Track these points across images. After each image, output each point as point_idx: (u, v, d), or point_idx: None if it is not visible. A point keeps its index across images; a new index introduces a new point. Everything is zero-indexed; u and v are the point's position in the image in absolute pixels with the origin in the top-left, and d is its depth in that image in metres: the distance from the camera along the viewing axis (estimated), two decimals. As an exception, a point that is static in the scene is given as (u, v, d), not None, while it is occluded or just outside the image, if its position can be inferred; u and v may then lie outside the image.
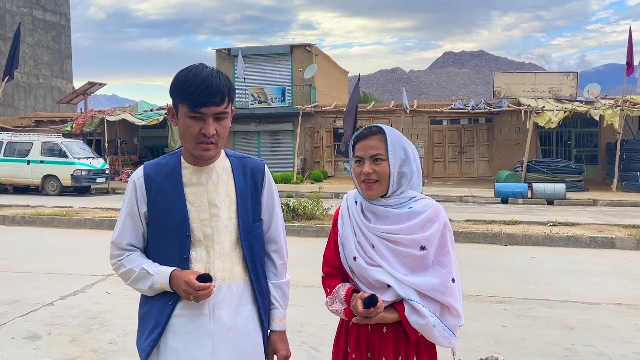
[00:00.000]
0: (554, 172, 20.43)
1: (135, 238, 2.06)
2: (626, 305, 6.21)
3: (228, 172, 2.07)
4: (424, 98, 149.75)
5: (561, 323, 5.57)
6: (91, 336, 5.08)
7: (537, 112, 21.31)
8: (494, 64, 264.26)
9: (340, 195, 18.67)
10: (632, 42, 19.39)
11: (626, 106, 20.56)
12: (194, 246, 1.99)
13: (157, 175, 2.03)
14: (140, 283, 1.99)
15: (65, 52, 43.84)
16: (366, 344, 2.14)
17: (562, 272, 7.82)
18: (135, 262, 2.02)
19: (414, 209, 2.11)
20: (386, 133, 2.14)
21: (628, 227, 10.95)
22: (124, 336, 5.07)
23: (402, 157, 2.13)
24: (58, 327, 5.30)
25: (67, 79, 43.75)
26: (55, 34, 42.61)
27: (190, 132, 1.91)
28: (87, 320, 5.52)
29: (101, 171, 20.52)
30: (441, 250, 2.09)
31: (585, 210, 15.42)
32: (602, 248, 9.66)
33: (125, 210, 2.05)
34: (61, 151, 19.82)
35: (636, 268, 8.16)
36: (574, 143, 24.84)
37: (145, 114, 25.22)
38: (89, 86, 28.60)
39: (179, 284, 1.90)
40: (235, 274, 2.03)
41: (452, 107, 23.84)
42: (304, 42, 28.54)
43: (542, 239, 9.93)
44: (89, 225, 11.77)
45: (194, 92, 1.86)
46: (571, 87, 24.54)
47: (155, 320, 1.96)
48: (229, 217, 2.03)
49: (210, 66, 1.95)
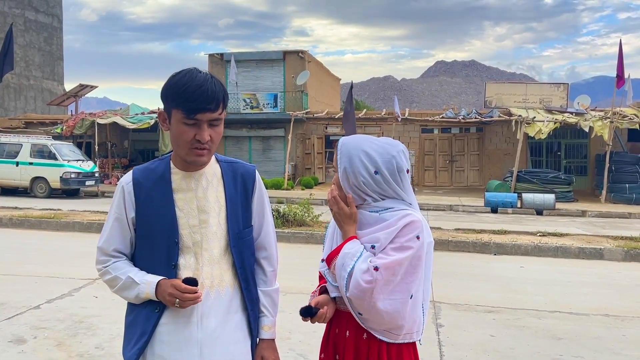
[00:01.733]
0: (543, 182, 20.52)
1: (123, 244, 2.02)
2: (614, 317, 6.23)
3: (218, 177, 2.05)
4: (416, 106, 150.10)
5: (549, 333, 5.57)
6: (77, 340, 5.03)
7: (527, 122, 21.43)
8: (485, 74, 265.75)
9: (330, 202, 18.65)
10: (623, 55, 19.56)
11: (616, 118, 20.71)
12: (183, 253, 1.97)
13: (146, 180, 2.00)
14: (127, 291, 1.96)
15: (56, 53, 43.66)
16: (333, 345, 2.17)
17: (550, 283, 7.83)
18: (122, 269, 1.98)
19: (382, 216, 2.09)
20: (338, 144, 2.16)
21: (616, 239, 11.00)
22: (111, 341, 5.02)
23: (345, 167, 2.10)
24: (44, 331, 5.24)
25: (58, 81, 43.54)
26: (47, 35, 42.43)
27: (185, 138, 1.88)
28: (73, 324, 5.46)
29: (91, 174, 20.39)
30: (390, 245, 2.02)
31: (574, 221, 15.49)
32: (591, 259, 9.69)
33: (113, 216, 2.01)
34: (51, 153, 19.70)
35: (624, 279, 8.20)
36: (564, 154, 24.99)
37: (136, 118, 25.12)
38: (80, 88, 28.48)
39: (164, 290, 1.88)
40: (225, 281, 2.01)
41: (444, 116, 23.93)
42: (297, 49, 28.60)
43: (531, 249, 9.96)
44: (77, 228, 11.68)
45: (190, 98, 1.84)
46: (562, 99, 24.71)
47: (142, 328, 1.93)
48: (219, 223, 2.01)
49: (204, 71, 1.92)
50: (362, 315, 2.04)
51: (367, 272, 1.97)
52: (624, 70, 19.64)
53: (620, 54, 19.73)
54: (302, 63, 27.84)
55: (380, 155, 2.09)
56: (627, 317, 6.24)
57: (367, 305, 1.99)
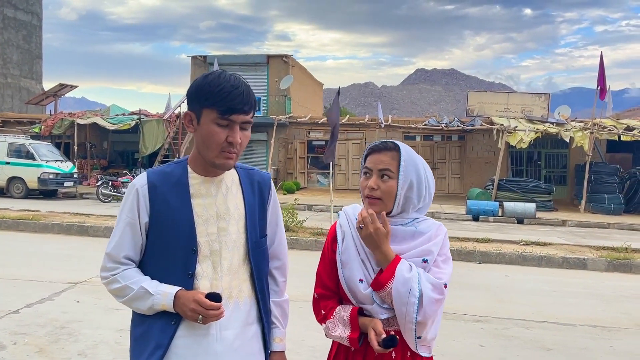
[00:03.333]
0: (524, 191, 20.66)
1: (133, 251, 1.90)
2: (601, 327, 6.24)
3: (236, 184, 1.96)
4: (396, 113, 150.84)
5: (538, 344, 5.56)
6: (59, 347, 4.89)
7: (509, 131, 21.58)
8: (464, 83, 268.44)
9: (312, 207, 18.59)
10: (604, 68, 19.81)
11: (596, 129, 20.96)
12: (200, 262, 1.86)
13: (162, 184, 1.89)
14: (138, 302, 1.84)
15: (35, 52, 43.00)
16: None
17: (536, 292, 7.85)
18: (132, 278, 1.86)
19: (419, 228, 2.03)
20: (401, 150, 2.04)
21: (598, 249, 11.09)
22: (94, 347, 4.89)
23: (412, 180, 2.02)
24: (24, 337, 5.09)
25: (36, 80, 42.87)
26: (26, 33, 41.78)
27: (216, 139, 1.79)
28: (54, 330, 5.31)
29: (69, 175, 20.05)
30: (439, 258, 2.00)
31: (555, 230, 15.60)
32: (574, 269, 9.75)
33: (125, 220, 1.88)
34: (28, 153, 19.35)
35: (608, 290, 8.24)
36: (544, 163, 25.22)
37: (117, 119, 24.80)
38: (59, 88, 28.07)
39: (185, 303, 1.77)
40: (243, 292, 1.93)
41: (426, 124, 24.01)
42: (281, 53, 28.54)
43: (515, 258, 9.98)
44: (56, 230, 11.45)
45: (227, 97, 1.75)
46: (542, 109, 24.94)
47: (157, 341, 1.81)
48: (238, 231, 1.92)
49: (236, 74, 1.85)
50: (420, 339, 1.94)
51: (436, 291, 1.90)
52: (605, 82, 19.88)
53: (601, 66, 19.96)
54: (285, 67, 27.77)
55: (431, 173, 2.11)
56: (614, 328, 6.26)
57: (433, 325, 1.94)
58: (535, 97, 25.47)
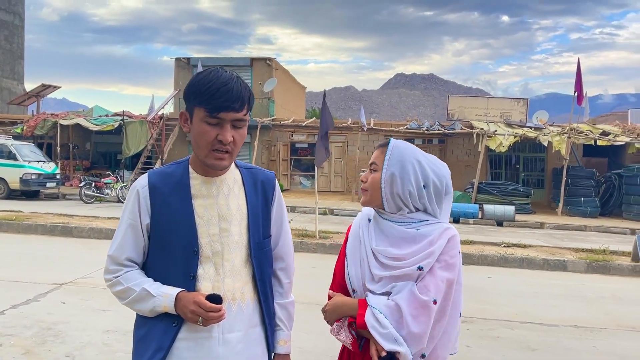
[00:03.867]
0: (503, 194, 20.81)
1: (135, 252, 1.85)
2: (583, 328, 6.28)
3: (239, 184, 1.91)
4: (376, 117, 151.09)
5: (523, 344, 5.58)
6: (46, 348, 4.78)
7: (489, 135, 21.74)
8: (443, 88, 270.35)
9: (296, 209, 18.54)
10: (581, 74, 20.04)
11: (573, 134, 21.21)
12: (202, 263, 1.82)
13: (162, 185, 1.84)
14: (140, 304, 1.80)
15: (17, 52, 42.38)
16: None
17: (518, 294, 7.88)
18: (134, 280, 1.82)
19: (421, 231, 1.98)
20: (389, 145, 2.05)
21: (577, 251, 11.19)
22: (81, 349, 4.80)
23: (394, 173, 1.99)
24: (10, 338, 4.97)
25: (18, 80, 42.25)
26: (7, 33, 41.17)
27: (206, 138, 1.75)
28: (41, 331, 5.20)
29: (52, 175, 19.76)
30: (437, 265, 1.93)
31: (533, 233, 15.73)
32: (555, 270, 9.82)
33: (127, 222, 1.84)
34: (10, 153, 19.03)
35: (589, 291, 8.31)
36: (522, 167, 25.43)
37: (100, 120, 24.51)
38: (42, 88, 27.69)
39: (185, 305, 1.73)
40: (246, 294, 1.87)
41: (408, 127, 24.12)
42: (265, 56, 28.42)
43: (497, 260, 10.03)
44: (40, 231, 11.25)
45: (214, 95, 1.71)
46: (521, 113, 25.16)
47: (158, 343, 1.77)
48: (240, 232, 1.87)
49: (229, 70, 1.79)
50: (424, 357, 1.92)
51: (415, 308, 1.87)
52: (582, 88, 20.12)
53: (578, 72, 20.20)
54: (269, 70, 27.71)
55: (432, 170, 2.02)
56: (596, 328, 6.30)
57: (435, 340, 1.91)
58: (514, 102, 25.70)
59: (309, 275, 8.19)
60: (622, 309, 7.32)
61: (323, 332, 5.77)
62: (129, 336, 5.16)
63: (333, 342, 2.08)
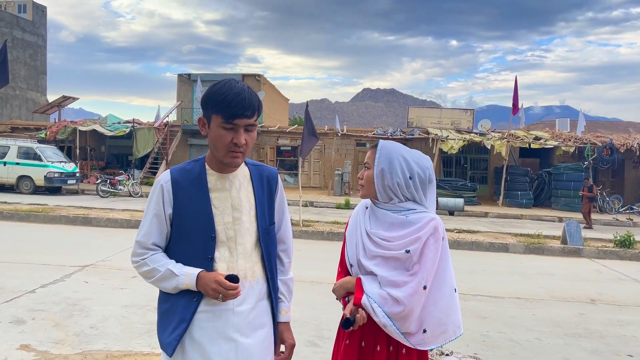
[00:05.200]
0: (454, 188, 20.98)
1: (160, 238, 1.82)
2: (524, 299, 6.35)
3: (247, 179, 1.89)
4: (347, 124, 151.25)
5: (476, 313, 5.62)
6: (73, 321, 4.68)
7: (442, 140, 21.89)
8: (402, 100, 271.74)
9: (281, 202, 18.45)
10: (517, 89, 20.27)
11: (511, 139, 21.45)
12: (218, 247, 1.80)
13: (183, 180, 1.82)
14: (165, 282, 1.77)
15: (40, 68, 41.52)
16: (361, 334, 2.01)
17: (470, 272, 7.93)
18: (160, 262, 1.78)
19: (409, 218, 1.98)
20: (377, 146, 2.07)
21: (517, 236, 11.33)
22: (104, 321, 4.71)
23: (384, 168, 2.01)
24: (41, 313, 4.86)
25: (41, 92, 41.40)
26: (32, 52, 40.32)
27: (223, 141, 1.72)
28: (68, 307, 5.09)
29: (72, 174, 19.35)
30: (421, 256, 1.91)
31: (479, 221, 15.88)
32: (499, 252, 9.93)
33: (152, 212, 1.81)
34: (36, 155, 18.60)
35: (527, 269, 8.41)
36: (469, 166, 25.66)
37: (113, 126, 24.12)
38: (63, 99, 27.10)
39: (207, 283, 1.71)
40: (256, 272, 1.85)
41: (375, 133, 24.19)
42: (254, 72, 28.22)
43: (451, 244, 10.07)
44: (63, 221, 11.03)
45: (229, 104, 1.68)
46: (468, 121, 25.38)
47: (181, 316, 1.74)
48: (250, 220, 1.85)
49: (240, 82, 1.76)
50: (426, 332, 1.93)
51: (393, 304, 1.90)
52: (518, 100, 20.36)
53: (515, 87, 20.43)
54: (258, 85, 27.54)
55: (416, 164, 2.02)
56: (535, 299, 6.38)
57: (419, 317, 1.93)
58: (463, 112, 25.93)
59: (295, 257, 8.15)
60: (554, 283, 7.43)
61: (308, 305, 5.78)
62: (144, 310, 5.10)
63: (317, 312, 2.11)
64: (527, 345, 4.68)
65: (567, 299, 6.51)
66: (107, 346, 4.11)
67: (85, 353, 3.95)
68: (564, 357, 4.42)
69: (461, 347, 4.44)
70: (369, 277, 1.97)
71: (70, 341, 4.19)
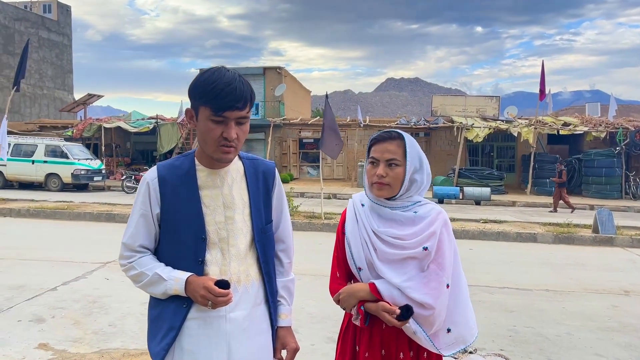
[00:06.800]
0: (480, 177, 20.60)
1: (148, 240, 1.69)
2: (553, 292, 6.13)
3: (241, 174, 1.74)
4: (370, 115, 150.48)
5: (502, 307, 5.44)
6: (92, 319, 4.68)
7: (467, 128, 21.49)
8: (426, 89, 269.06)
9: (304, 194, 18.41)
10: (544, 74, 19.72)
11: (538, 125, 20.92)
12: (209, 249, 1.66)
13: (171, 177, 1.68)
14: (153, 287, 1.64)
15: (67, 67, 42.22)
16: (380, 342, 1.84)
17: (496, 263, 7.73)
18: (147, 265, 1.66)
19: (419, 213, 1.83)
20: (405, 140, 1.85)
21: (545, 225, 11.01)
22: (122, 319, 4.69)
23: (417, 166, 1.84)
24: (61, 311, 4.87)
25: (68, 91, 42.13)
26: (58, 51, 40.99)
27: (212, 135, 1.57)
28: (88, 304, 5.10)
29: (98, 171, 19.64)
30: (438, 252, 1.79)
31: (506, 210, 15.54)
32: (527, 242, 9.66)
33: (138, 212, 1.68)
34: (63, 152, 18.93)
35: (556, 259, 8.15)
36: (496, 154, 25.17)
37: (137, 123, 24.36)
38: (88, 97, 27.53)
39: (196, 289, 1.58)
40: (250, 276, 1.72)
41: (398, 123, 23.87)
42: (275, 65, 28.14)
43: (477, 234, 9.87)
44: (88, 218, 11.16)
45: (218, 95, 1.52)
46: (494, 109, 24.86)
47: (170, 323, 1.62)
48: (243, 219, 1.71)
49: (231, 69, 1.61)
50: (450, 331, 1.80)
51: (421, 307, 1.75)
52: (545, 86, 19.81)
53: (542, 72, 19.87)
54: (279, 77, 27.43)
55: (424, 154, 1.91)
56: (564, 291, 6.15)
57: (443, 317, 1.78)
58: (488, 99, 25.40)
59: (317, 250, 8.07)
60: (585, 274, 7.16)
61: (328, 299, 5.67)
62: (162, 307, 5.08)
63: (337, 307, 1.94)
64: (557, 340, 4.48)
65: (598, 290, 6.26)
66: (124, 344, 4.08)
67: (103, 352, 3.93)
68: (595, 353, 4.21)
69: (487, 343, 4.29)
70: (383, 282, 1.79)
71: (88, 339, 4.17)
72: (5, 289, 5.54)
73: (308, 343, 4.19)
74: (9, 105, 15.14)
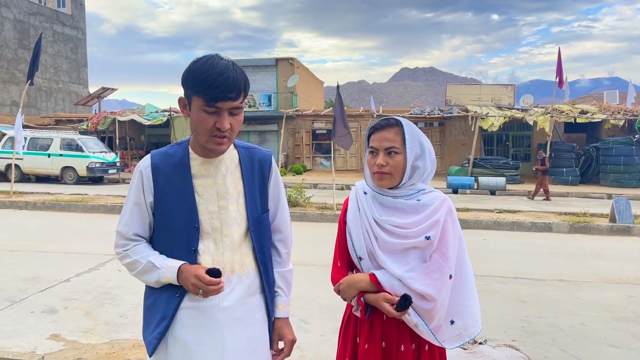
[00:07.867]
0: (495, 167, 20.39)
1: (142, 228, 1.68)
2: (568, 281, 6.05)
3: (236, 163, 1.72)
4: (385, 105, 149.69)
5: (515, 297, 5.38)
6: (103, 310, 4.72)
7: (481, 117, 21.24)
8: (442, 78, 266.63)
9: (317, 186, 18.39)
10: (561, 61, 19.38)
11: (555, 114, 20.61)
12: (202, 238, 1.64)
13: (164, 165, 1.66)
14: (146, 275, 1.63)
15: (81, 61, 42.56)
16: (381, 334, 1.81)
17: (510, 253, 7.65)
18: (142, 253, 1.65)
19: (422, 201, 1.78)
20: (403, 126, 1.80)
21: (561, 214, 10.86)
22: (133, 310, 4.73)
23: (418, 152, 1.79)
24: (73, 302, 4.93)
25: (83, 85, 42.51)
26: (73, 45, 41.33)
27: (204, 125, 1.55)
28: (99, 296, 5.15)
29: (113, 164, 19.83)
30: (442, 241, 1.75)
31: (522, 200, 15.37)
32: (541, 232, 9.53)
33: (132, 200, 1.67)
34: (78, 146, 19.13)
35: (571, 249, 8.03)
36: (511, 143, 24.88)
37: (151, 115, 24.51)
38: (102, 91, 27.75)
39: (187, 277, 1.56)
40: (245, 265, 1.69)
41: (412, 113, 23.69)
42: (287, 56, 28.05)
43: (491, 224, 9.77)
44: (102, 210, 11.28)
45: (211, 85, 1.49)
46: (509, 97, 24.55)
47: (162, 312, 1.61)
48: (237, 209, 1.68)
49: (225, 57, 1.57)
50: (454, 323, 1.77)
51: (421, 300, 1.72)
52: (562, 73, 19.47)
53: (559, 60, 19.53)
54: (291, 68, 27.35)
55: (426, 140, 1.85)
56: (579, 281, 6.06)
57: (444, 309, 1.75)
58: (503, 87, 25.09)
59: (329, 241, 8.04)
60: (602, 264, 7.05)
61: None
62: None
63: None
64: (570, 330, 4.41)
65: (615, 280, 6.16)
66: (134, 335, 4.11)
67: (113, 342, 3.96)
68: (610, 344, 4.14)
69: (498, 334, 4.24)
70: (384, 273, 1.76)
71: (99, 330, 4.21)
72: (19, 280, 5.62)
73: (317, 334, 4.19)
74: (24, 99, 15.32)
